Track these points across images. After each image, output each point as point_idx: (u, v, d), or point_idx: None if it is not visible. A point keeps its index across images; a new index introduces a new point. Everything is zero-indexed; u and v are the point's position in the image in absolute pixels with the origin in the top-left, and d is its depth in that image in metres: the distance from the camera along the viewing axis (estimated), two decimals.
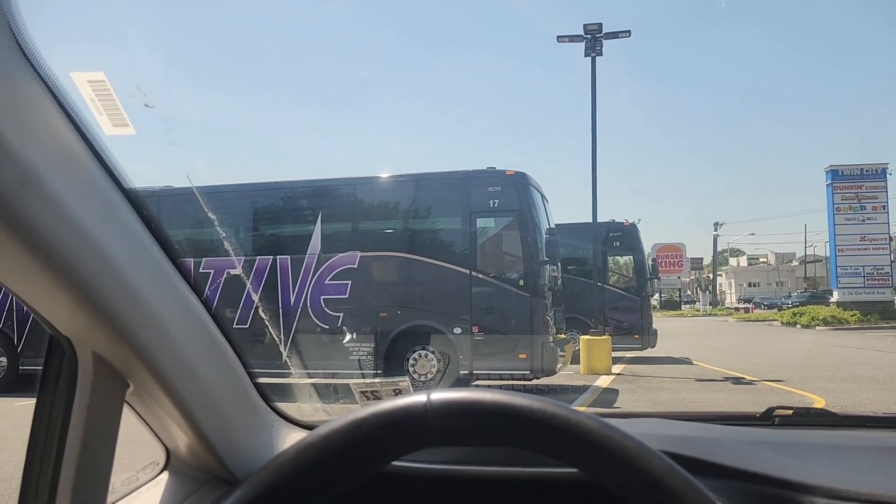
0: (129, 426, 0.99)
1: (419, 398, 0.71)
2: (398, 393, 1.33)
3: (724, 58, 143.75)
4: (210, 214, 10.83)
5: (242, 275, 10.94)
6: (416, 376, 10.31)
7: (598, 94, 15.10)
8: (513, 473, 1.08)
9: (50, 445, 0.89)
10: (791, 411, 1.49)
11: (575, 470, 0.70)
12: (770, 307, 52.79)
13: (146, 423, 1.05)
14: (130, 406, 0.99)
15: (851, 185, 29.53)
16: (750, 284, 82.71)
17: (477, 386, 10.30)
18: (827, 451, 1.21)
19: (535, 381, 10.23)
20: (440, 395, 0.71)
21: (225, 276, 10.49)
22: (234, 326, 9.85)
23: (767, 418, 1.49)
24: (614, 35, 15.12)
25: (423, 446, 0.72)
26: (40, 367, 0.93)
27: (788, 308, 37.24)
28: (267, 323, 10.56)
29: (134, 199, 0.85)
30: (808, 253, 68.93)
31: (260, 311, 10.39)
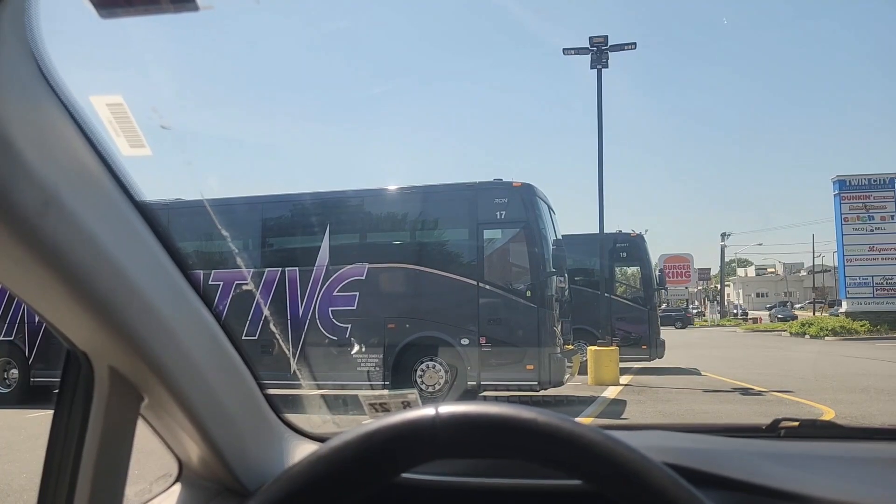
0: (142, 437, 1.01)
1: (428, 411, 0.72)
2: (407, 405, 1.35)
3: (733, 69, 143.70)
4: (220, 226, 10.88)
5: (252, 286, 10.97)
6: (423, 387, 10.29)
7: (606, 104, 15.17)
8: (519, 485, 1.09)
9: (66, 458, 0.91)
10: (797, 423, 1.49)
11: (579, 482, 0.71)
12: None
13: (159, 436, 1.07)
14: (144, 418, 1.01)
15: (859, 195, 29.40)
16: (758, 294, 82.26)
17: (484, 398, 10.27)
18: (832, 464, 1.21)
19: (542, 393, 10.19)
20: (448, 409, 0.72)
21: (234, 287, 10.53)
22: (244, 338, 9.87)
23: (773, 430, 1.48)
24: (620, 48, 15.13)
25: (431, 458, 0.73)
26: (51, 379, 0.95)
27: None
28: (276, 334, 10.58)
29: (149, 215, 0.87)
30: (816, 263, 68.50)
31: (269, 322, 10.41)
